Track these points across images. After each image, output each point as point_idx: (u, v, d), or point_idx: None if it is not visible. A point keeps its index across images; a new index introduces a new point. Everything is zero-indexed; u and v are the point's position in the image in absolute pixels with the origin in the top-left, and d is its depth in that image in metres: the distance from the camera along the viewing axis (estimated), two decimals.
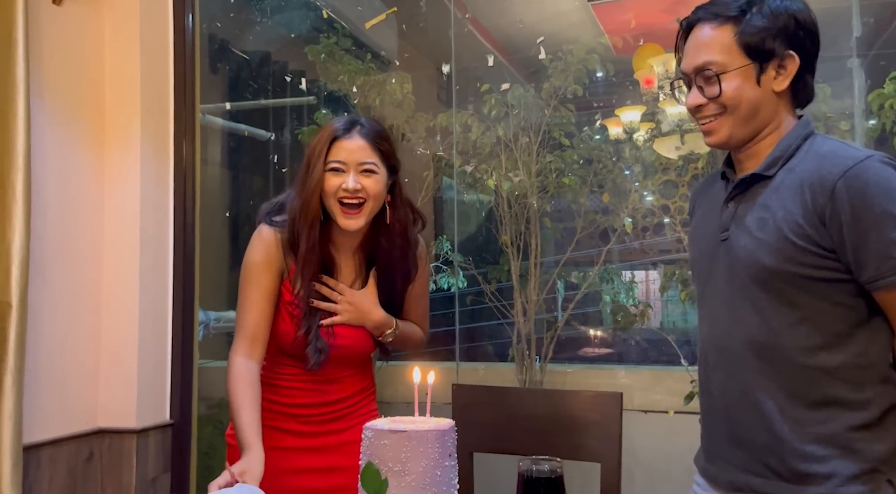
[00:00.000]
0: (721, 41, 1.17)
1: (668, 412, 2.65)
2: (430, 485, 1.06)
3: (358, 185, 1.40)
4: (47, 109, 1.97)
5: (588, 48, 2.92)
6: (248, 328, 1.45)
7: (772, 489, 1.14)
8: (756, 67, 1.17)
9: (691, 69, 1.20)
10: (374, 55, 3.34)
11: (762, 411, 1.14)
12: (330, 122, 1.49)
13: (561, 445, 1.54)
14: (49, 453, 1.93)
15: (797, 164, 1.16)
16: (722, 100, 1.18)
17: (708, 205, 1.31)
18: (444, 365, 3.04)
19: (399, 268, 1.53)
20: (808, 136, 1.19)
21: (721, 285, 1.20)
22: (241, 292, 1.48)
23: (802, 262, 1.11)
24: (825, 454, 1.10)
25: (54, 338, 1.96)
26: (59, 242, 1.99)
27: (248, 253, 1.49)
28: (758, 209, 1.17)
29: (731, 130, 1.19)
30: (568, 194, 3.00)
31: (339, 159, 1.41)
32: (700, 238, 1.31)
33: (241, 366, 1.43)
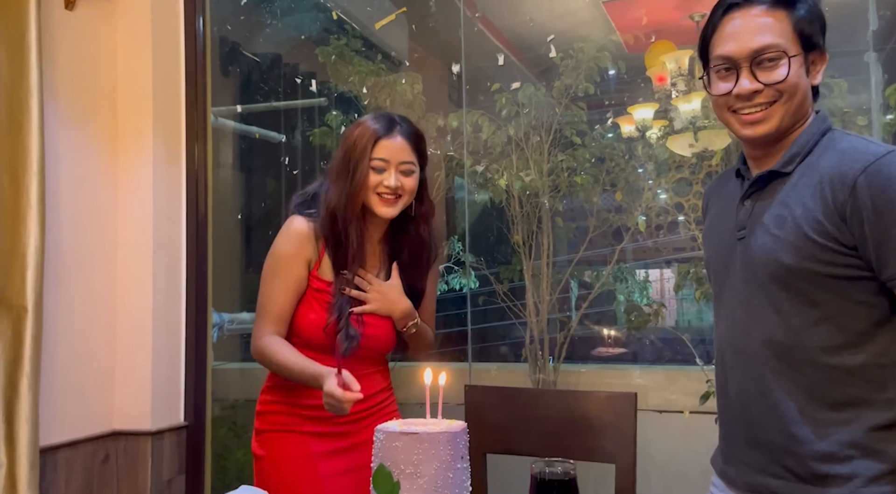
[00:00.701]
0: (780, 26, 1.14)
1: (684, 412, 2.63)
2: (442, 488, 1.05)
3: (399, 183, 1.49)
4: (61, 114, 1.99)
5: (599, 46, 2.90)
6: (274, 313, 1.52)
7: (790, 490, 1.13)
8: (805, 59, 1.16)
9: (748, 53, 1.14)
10: (384, 56, 3.34)
11: (781, 412, 1.12)
12: (364, 120, 1.55)
13: (575, 446, 1.53)
14: (66, 455, 1.94)
15: (816, 160, 1.14)
16: (784, 85, 1.13)
17: (722, 203, 1.29)
18: (456, 366, 3.03)
19: (419, 255, 1.61)
20: (825, 131, 1.17)
21: (738, 284, 1.18)
22: (268, 280, 1.54)
23: (823, 260, 1.09)
24: (846, 454, 1.08)
25: (70, 341, 1.98)
26: (73, 245, 2.01)
27: (279, 243, 1.55)
28: (776, 207, 1.15)
29: (781, 119, 1.15)
30: (580, 192, 2.98)
31: (382, 157, 1.49)
32: (715, 237, 1.29)
33: (274, 338, 1.50)
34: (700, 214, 2.96)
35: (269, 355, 1.50)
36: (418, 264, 1.62)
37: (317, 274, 1.54)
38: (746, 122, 1.17)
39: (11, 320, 1.75)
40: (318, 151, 3.34)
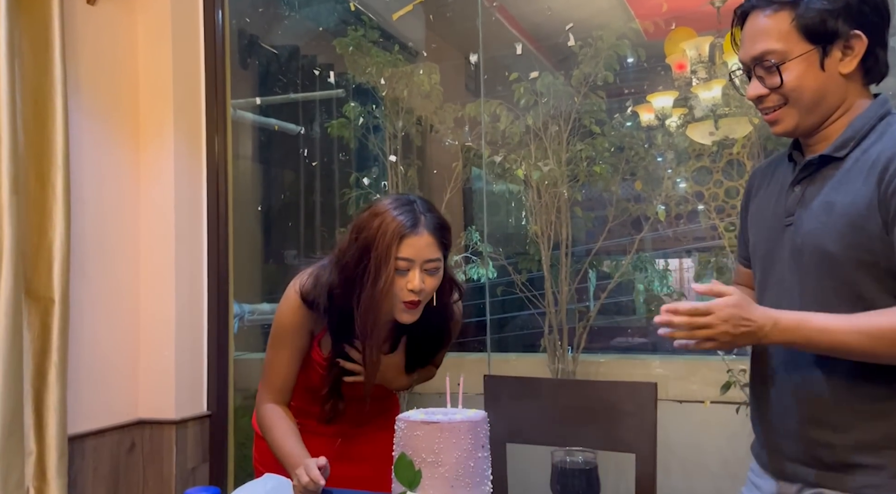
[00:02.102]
0: (778, 28, 1.11)
1: (705, 402, 2.61)
2: (463, 476, 1.06)
3: (423, 284, 1.35)
4: (84, 108, 2.01)
5: (618, 34, 2.86)
6: (276, 384, 1.47)
7: (821, 478, 1.13)
8: (819, 52, 1.11)
9: (749, 59, 1.15)
10: (401, 46, 3.33)
11: (817, 402, 1.12)
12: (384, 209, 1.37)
13: (594, 436, 1.53)
14: (93, 443, 1.98)
15: (870, 145, 1.10)
16: (783, 91, 1.13)
17: (772, 188, 1.26)
18: (475, 356, 3.04)
19: (433, 338, 1.52)
20: (884, 115, 1.13)
21: (785, 272, 1.16)
22: (272, 349, 1.48)
23: (870, 249, 1.07)
24: (879, 445, 1.08)
25: (95, 332, 2.01)
26: (98, 238, 2.04)
27: (283, 314, 1.46)
28: (825, 193, 1.12)
29: (795, 120, 1.14)
30: (599, 182, 2.95)
31: (407, 257, 1.34)
32: (762, 223, 1.26)
33: (272, 408, 1.47)
34: (721, 202, 2.94)
35: (263, 425, 1.47)
36: (431, 346, 1.53)
37: (318, 348, 1.49)
38: (766, 121, 1.19)
39: (39, 311, 1.79)
40: (337, 142, 3.35)
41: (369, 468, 1.48)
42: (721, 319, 1.03)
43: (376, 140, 3.24)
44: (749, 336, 1.05)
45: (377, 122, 3.28)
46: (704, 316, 1.04)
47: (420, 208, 1.38)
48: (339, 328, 1.43)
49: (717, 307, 1.04)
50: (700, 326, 1.04)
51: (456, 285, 1.50)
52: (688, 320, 1.04)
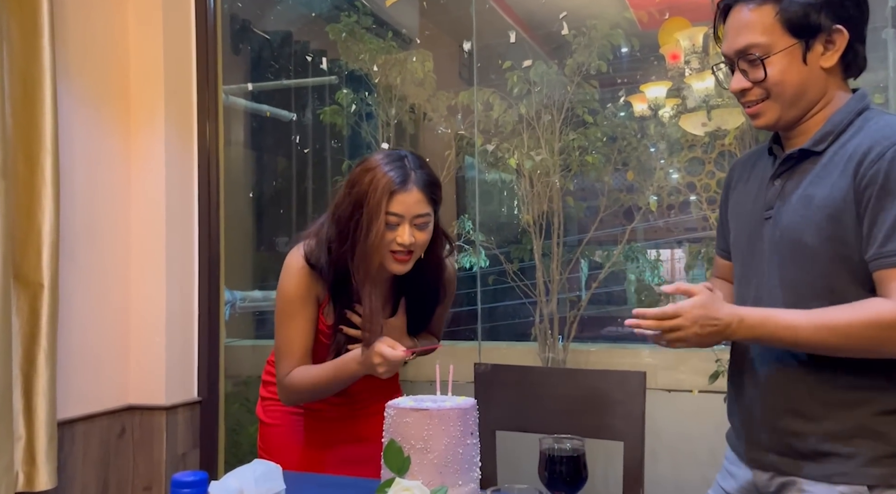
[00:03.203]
0: (762, 22, 1.12)
1: (693, 391, 2.64)
2: (452, 463, 1.07)
3: (412, 239, 1.40)
4: (74, 93, 1.99)
5: (612, 23, 2.86)
6: (295, 353, 1.47)
7: (793, 467, 1.15)
8: (801, 46, 1.11)
9: (733, 52, 1.16)
10: (395, 33, 3.32)
11: (792, 392, 1.14)
12: (375, 164, 1.41)
13: (584, 424, 1.54)
14: (83, 428, 1.98)
15: (849, 139, 1.12)
16: (766, 85, 1.14)
17: (752, 180, 1.27)
18: (466, 344, 3.05)
19: (429, 295, 1.55)
20: (862, 110, 1.14)
21: (764, 265, 1.17)
22: (283, 323, 1.48)
23: (846, 242, 1.08)
24: (851, 436, 1.10)
25: (85, 317, 2.01)
26: (88, 223, 2.03)
27: (287, 285, 1.48)
28: (805, 186, 1.13)
29: (777, 113, 1.16)
30: (591, 172, 2.96)
31: (396, 213, 1.38)
32: (742, 216, 1.27)
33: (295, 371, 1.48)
34: (713, 193, 2.95)
35: (298, 386, 1.46)
36: (428, 303, 1.57)
37: (322, 317, 1.51)
38: (748, 114, 1.20)
39: (28, 296, 1.78)
40: (329, 129, 3.34)
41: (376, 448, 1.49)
42: (689, 320, 1.06)
43: (369, 128, 3.23)
44: (717, 335, 1.08)
45: (370, 109, 3.27)
46: (672, 319, 1.07)
47: (411, 163, 1.42)
48: (339, 288, 1.46)
49: (684, 310, 1.07)
50: (669, 328, 1.08)
51: (448, 239, 1.54)
52: (656, 324, 1.08)
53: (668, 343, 1.10)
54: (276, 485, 1.21)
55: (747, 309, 1.10)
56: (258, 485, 1.17)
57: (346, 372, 1.41)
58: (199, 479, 0.64)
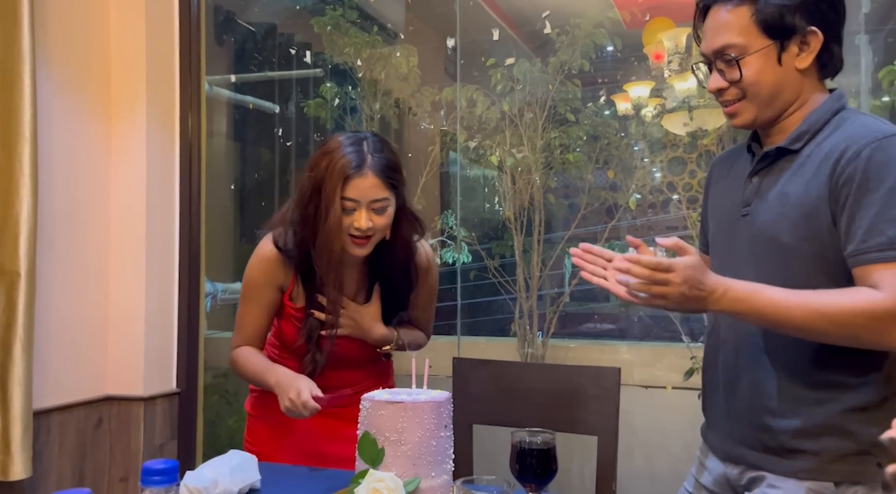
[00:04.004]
0: (738, 23, 1.13)
1: (667, 387, 2.67)
2: (425, 455, 1.08)
3: (370, 223, 1.39)
4: (53, 80, 1.98)
5: (596, 22, 2.88)
6: (248, 333, 1.54)
7: (763, 462, 1.17)
8: (777, 47, 1.13)
9: (710, 52, 1.18)
10: (380, 28, 3.31)
11: (763, 387, 1.16)
12: (334, 146, 1.41)
13: (559, 418, 1.56)
14: (59, 418, 1.97)
15: (825, 138, 1.13)
16: (742, 85, 1.15)
17: (730, 178, 1.28)
18: (445, 339, 3.07)
19: (402, 280, 1.55)
20: (838, 110, 1.16)
21: (741, 262, 1.18)
22: (243, 301, 1.54)
23: (821, 240, 1.10)
24: (818, 432, 1.12)
25: (63, 307, 1.99)
26: (66, 212, 2.01)
27: (251, 269, 1.53)
28: (782, 184, 1.15)
29: (754, 113, 1.17)
30: (572, 170, 2.98)
31: (352, 198, 1.38)
32: (720, 213, 1.29)
33: (243, 348, 1.54)
34: (694, 193, 2.98)
35: (238, 364, 1.53)
36: (402, 287, 1.56)
37: (289, 302, 1.52)
38: (725, 114, 1.21)
39: (4, 285, 1.77)
40: (313, 122, 3.33)
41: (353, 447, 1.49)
42: (680, 278, 1.03)
43: (353, 121, 3.23)
44: (699, 301, 1.06)
45: (354, 103, 3.27)
46: (665, 273, 1.03)
47: (369, 147, 1.40)
48: (309, 272, 1.47)
49: (678, 266, 1.03)
50: (658, 281, 1.03)
51: (417, 221, 1.53)
52: (648, 273, 1.03)
53: (648, 299, 1.05)
54: (251, 476, 1.22)
55: (734, 281, 1.07)
56: (233, 475, 1.18)
57: (266, 379, 1.45)
58: (169, 467, 0.65)
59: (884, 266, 1.03)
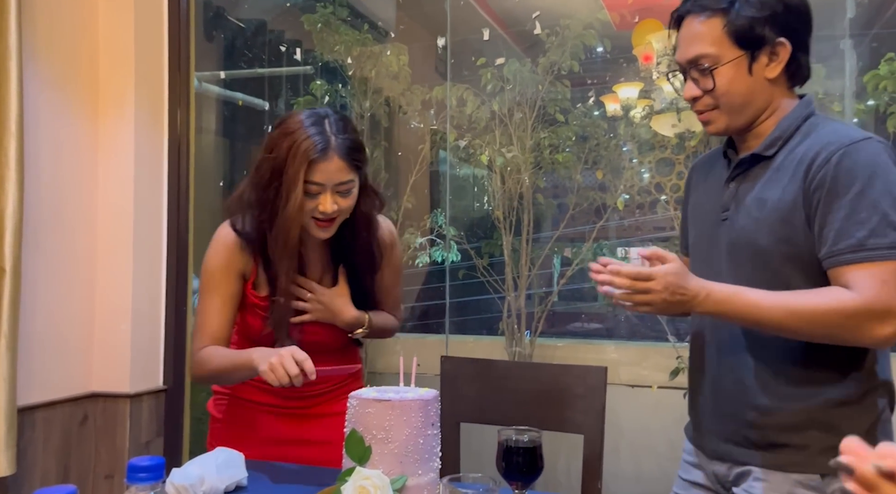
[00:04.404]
0: (711, 34, 1.17)
1: (652, 387, 2.70)
2: (412, 452, 1.09)
3: (335, 207, 1.34)
4: (41, 75, 1.96)
5: (586, 24, 2.89)
6: (211, 332, 1.40)
7: (750, 457, 1.20)
8: (748, 57, 1.17)
9: (685, 61, 1.22)
10: (371, 26, 3.31)
11: (748, 385, 1.19)
12: (294, 126, 1.33)
13: (546, 416, 1.57)
14: (44, 415, 1.96)
15: (797, 144, 1.18)
16: (715, 94, 1.19)
17: (709, 182, 1.32)
18: (434, 338, 3.08)
19: (366, 259, 1.49)
20: (808, 116, 1.20)
21: (722, 265, 1.22)
22: (203, 296, 1.42)
23: (796, 242, 1.13)
24: (804, 427, 1.15)
25: (49, 303, 1.98)
26: (53, 208, 2.00)
27: (209, 257, 1.43)
28: (758, 190, 1.19)
29: (726, 121, 1.22)
30: (561, 170, 3.00)
31: (316, 182, 1.32)
32: (700, 217, 1.32)
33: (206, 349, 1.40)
34: (682, 193, 3.00)
35: (206, 363, 1.39)
36: (367, 267, 1.50)
37: (252, 290, 1.43)
38: (700, 121, 1.26)
39: None
40: None
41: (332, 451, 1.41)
42: (661, 285, 1.08)
43: None
44: (683, 305, 1.11)
45: (344, 101, 3.27)
46: (646, 282, 1.08)
47: (332, 127, 1.33)
48: (269, 258, 1.40)
49: (658, 274, 1.08)
50: (640, 290, 1.09)
51: (377, 195, 1.47)
52: (629, 283, 1.09)
53: (633, 306, 1.11)
54: (237, 473, 1.22)
55: (715, 284, 1.12)
56: (220, 473, 1.18)
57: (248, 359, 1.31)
58: (155, 464, 0.65)
59: (854, 267, 1.08)
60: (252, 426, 1.47)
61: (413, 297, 3.76)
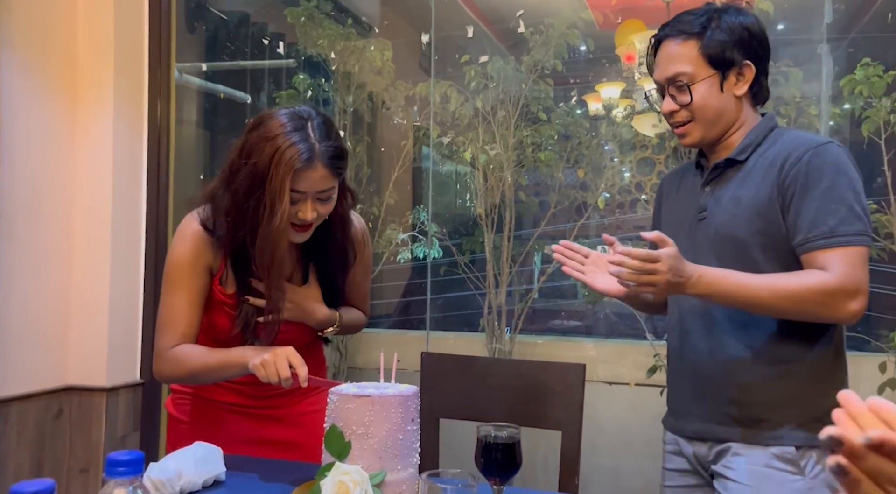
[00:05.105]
0: (688, 54, 1.33)
1: (629, 384, 2.73)
2: (392, 448, 1.09)
3: (315, 214, 1.31)
4: (18, 64, 1.93)
5: (569, 23, 2.91)
6: (180, 328, 1.34)
7: (731, 434, 1.31)
8: (719, 76, 1.33)
9: (664, 79, 1.36)
10: (354, 20, 3.29)
11: (730, 367, 1.31)
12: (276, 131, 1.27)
13: (524, 413, 1.58)
14: (18, 408, 1.94)
15: (767, 149, 1.34)
16: (691, 107, 1.34)
17: (682, 191, 1.47)
18: (414, 334, 3.08)
19: (339, 258, 1.47)
20: (772, 128, 1.37)
21: (702, 259, 1.31)
22: (169, 291, 1.36)
23: (771, 233, 1.28)
24: (781, 403, 1.28)
25: (24, 296, 1.96)
26: (29, 199, 1.97)
27: (176, 249, 1.37)
28: (732, 189, 1.34)
29: (701, 133, 1.36)
30: (543, 168, 3.02)
31: (299, 190, 1.28)
32: (676, 221, 1.45)
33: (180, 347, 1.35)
34: None
35: (182, 362, 1.32)
36: (340, 267, 1.47)
37: (220, 287, 1.38)
38: (676, 134, 1.41)
39: None
40: None
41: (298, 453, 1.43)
42: (666, 267, 1.19)
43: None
44: (680, 286, 1.22)
45: (327, 95, 3.25)
46: (653, 263, 1.19)
47: (315, 133, 1.28)
48: (239, 258, 1.36)
49: (663, 257, 1.19)
50: (647, 271, 1.19)
51: (351, 193, 1.44)
52: (639, 264, 1.19)
53: (639, 285, 1.21)
54: (215, 468, 1.22)
55: (706, 268, 1.25)
56: (198, 468, 1.18)
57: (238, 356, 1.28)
58: (134, 458, 0.65)
59: (828, 251, 1.22)
60: (218, 426, 1.43)
61: (394, 293, 3.76)
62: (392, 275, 3.54)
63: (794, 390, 1.28)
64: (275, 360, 1.21)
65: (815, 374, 1.29)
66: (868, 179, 2.63)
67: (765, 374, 1.29)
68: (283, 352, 1.22)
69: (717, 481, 1.33)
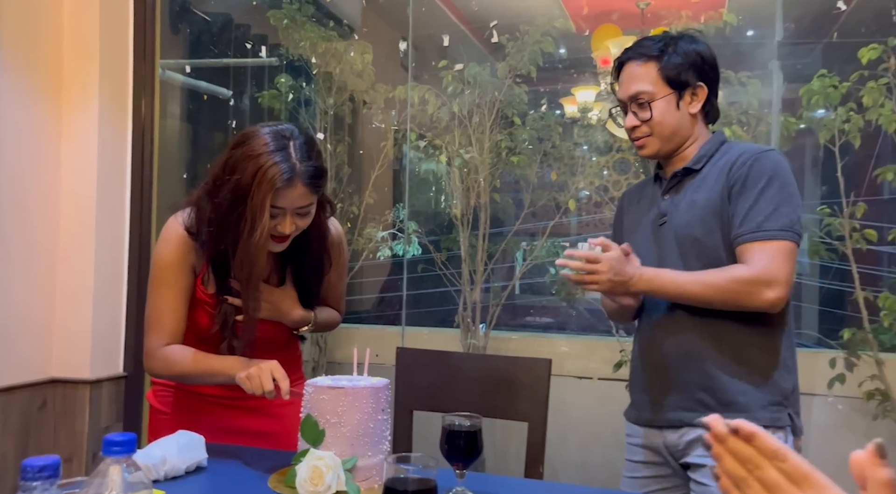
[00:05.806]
0: (648, 75, 1.48)
1: (592, 377, 2.84)
2: (363, 436, 1.17)
3: (293, 228, 1.37)
4: (3, 62, 1.97)
5: (544, 31, 2.99)
6: (168, 327, 1.42)
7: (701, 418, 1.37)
8: (676, 95, 1.49)
9: (627, 97, 1.51)
10: (336, 23, 3.35)
11: (698, 356, 1.43)
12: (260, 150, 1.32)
13: (494, 405, 1.66)
14: (2, 400, 1.98)
15: (719, 158, 1.49)
16: (651, 123, 1.49)
17: (643, 201, 1.60)
18: (391, 329, 3.15)
19: (314, 262, 1.53)
20: (723, 141, 1.54)
21: (666, 260, 1.47)
22: (156, 291, 1.43)
23: (725, 231, 1.41)
24: (747, 387, 1.40)
25: (9, 288, 2.00)
26: (14, 194, 2.01)
27: (162, 251, 1.43)
28: (689, 194, 1.48)
29: (657, 145, 1.51)
30: (517, 171, 3.11)
31: (279, 206, 1.34)
32: (638, 228, 1.58)
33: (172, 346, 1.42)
34: None
35: (171, 367, 1.40)
36: (315, 272, 1.53)
37: (202, 286, 1.44)
38: (636, 146, 1.57)
39: None
40: (267, 113, 3.35)
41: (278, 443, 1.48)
42: (607, 267, 1.35)
43: (307, 115, 3.27)
44: (623, 285, 1.38)
45: (308, 96, 3.31)
46: (594, 264, 1.35)
47: (297, 153, 1.34)
48: (220, 263, 1.42)
49: (604, 258, 1.36)
50: (591, 271, 1.35)
51: (329, 203, 1.50)
52: (580, 265, 1.36)
53: (584, 285, 1.37)
54: (198, 455, 1.29)
55: (644, 267, 1.41)
56: (182, 454, 1.25)
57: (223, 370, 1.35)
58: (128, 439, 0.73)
59: (752, 245, 1.37)
60: (198, 416, 1.49)
61: (373, 289, 3.83)
62: (372, 271, 3.62)
63: (757, 375, 1.40)
64: (259, 374, 1.27)
65: (774, 359, 1.41)
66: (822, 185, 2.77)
67: (731, 361, 1.41)
68: (268, 366, 1.29)
69: (692, 471, 1.43)
